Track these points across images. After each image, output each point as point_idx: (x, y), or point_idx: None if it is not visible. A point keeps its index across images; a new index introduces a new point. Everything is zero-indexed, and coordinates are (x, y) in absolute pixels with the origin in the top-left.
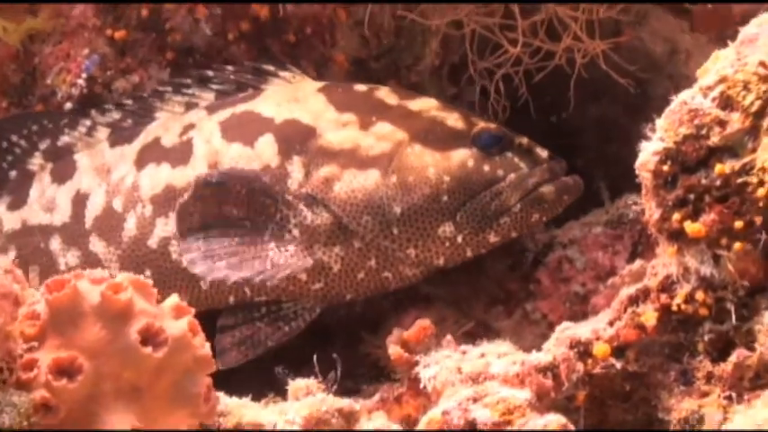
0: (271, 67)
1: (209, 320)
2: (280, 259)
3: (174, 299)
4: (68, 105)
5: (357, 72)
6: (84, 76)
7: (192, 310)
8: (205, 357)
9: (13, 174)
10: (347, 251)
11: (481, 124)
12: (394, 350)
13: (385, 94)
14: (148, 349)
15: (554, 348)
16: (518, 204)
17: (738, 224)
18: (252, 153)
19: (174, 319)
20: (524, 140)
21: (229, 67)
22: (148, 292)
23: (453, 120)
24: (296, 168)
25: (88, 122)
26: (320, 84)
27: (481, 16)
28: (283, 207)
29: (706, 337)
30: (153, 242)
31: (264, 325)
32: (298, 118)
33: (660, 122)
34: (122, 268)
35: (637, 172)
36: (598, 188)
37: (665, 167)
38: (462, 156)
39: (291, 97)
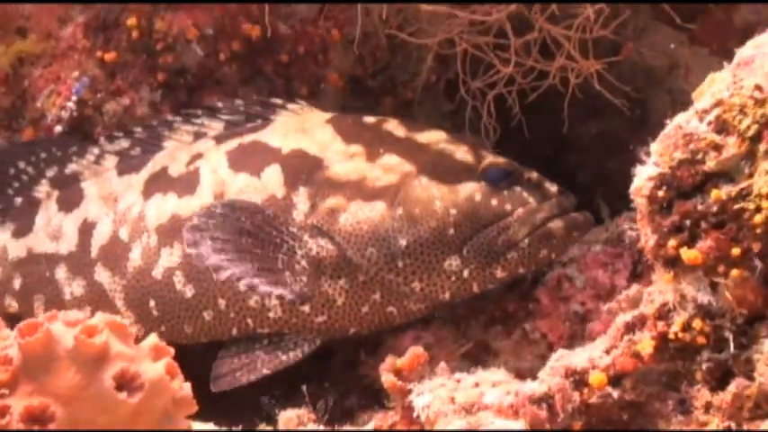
0: (279, 101)
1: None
2: (297, 288)
3: (152, 339)
4: (58, 129)
5: (353, 90)
6: (73, 98)
7: (171, 351)
8: (184, 399)
9: (18, 200)
10: (352, 284)
11: (490, 158)
12: (387, 378)
13: (393, 126)
14: (123, 395)
15: (549, 378)
16: (526, 240)
17: (735, 251)
18: (258, 183)
19: (152, 360)
20: (533, 175)
21: (238, 101)
22: (125, 333)
23: (462, 153)
24: (302, 199)
25: (96, 150)
26: (328, 115)
27: (474, 35)
28: (289, 238)
29: (704, 366)
30: (157, 273)
31: (263, 353)
32: (305, 149)
33: (655, 147)
34: (127, 299)
35: (632, 197)
36: (597, 205)
37: (661, 193)
38: (470, 189)
39: (299, 128)
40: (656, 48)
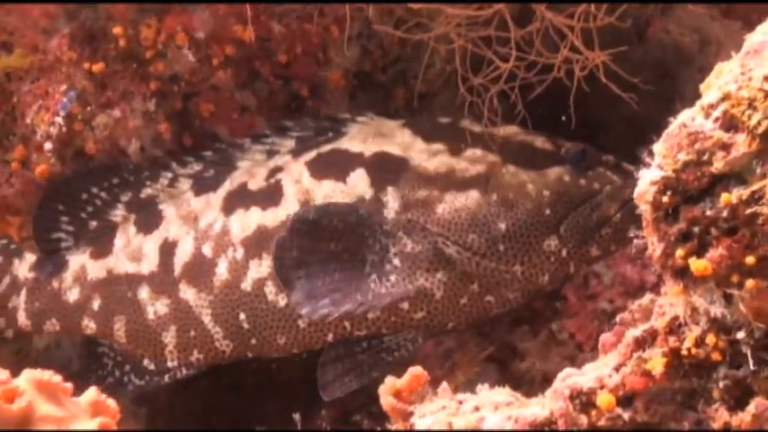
0: (347, 114)
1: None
2: (381, 289)
3: (91, 394)
4: (48, 145)
5: (362, 85)
6: (61, 113)
7: (114, 408)
8: None
9: (93, 224)
10: (450, 276)
11: (568, 144)
12: (386, 400)
13: (469, 123)
14: None
15: (551, 402)
16: (618, 215)
17: (750, 259)
18: (345, 188)
19: (90, 417)
20: (611, 158)
21: (306, 118)
22: (56, 390)
23: (540, 142)
24: (391, 198)
25: (170, 174)
26: (402, 120)
27: (474, 27)
28: (382, 237)
29: (721, 384)
30: (246, 285)
31: (367, 357)
32: (387, 150)
33: (658, 147)
34: (215, 314)
35: (635, 203)
36: None
37: (665, 198)
38: (558, 172)
39: (376, 133)
40: (684, 24)
